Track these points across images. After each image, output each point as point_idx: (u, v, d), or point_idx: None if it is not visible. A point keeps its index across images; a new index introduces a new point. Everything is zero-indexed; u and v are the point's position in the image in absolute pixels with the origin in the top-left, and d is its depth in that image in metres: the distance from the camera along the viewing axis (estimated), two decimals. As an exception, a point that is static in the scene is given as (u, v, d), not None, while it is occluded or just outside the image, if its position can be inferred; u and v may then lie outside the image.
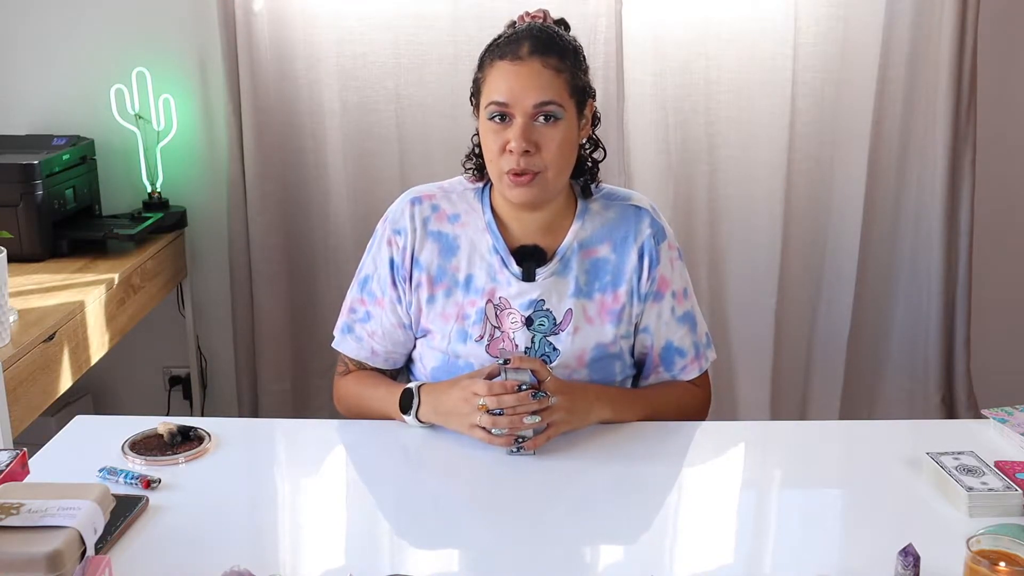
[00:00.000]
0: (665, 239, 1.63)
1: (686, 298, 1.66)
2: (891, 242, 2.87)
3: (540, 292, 1.57)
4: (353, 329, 1.68)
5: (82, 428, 1.58)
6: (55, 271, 2.43)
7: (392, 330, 1.65)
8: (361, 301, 1.67)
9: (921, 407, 2.89)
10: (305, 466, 1.52)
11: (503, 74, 1.49)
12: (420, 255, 1.60)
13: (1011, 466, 1.35)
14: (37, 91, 2.82)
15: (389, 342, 1.66)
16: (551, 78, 1.48)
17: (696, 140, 2.77)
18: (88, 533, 1.09)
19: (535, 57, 1.48)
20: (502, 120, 1.49)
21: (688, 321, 1.65)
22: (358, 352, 1.69)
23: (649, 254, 1.60)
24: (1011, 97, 2.87)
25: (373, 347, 1.67)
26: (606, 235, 1.61)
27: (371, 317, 1.66)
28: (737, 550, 1.25)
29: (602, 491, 1.37)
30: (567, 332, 1.57)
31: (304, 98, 2.74)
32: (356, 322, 1.68)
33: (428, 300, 1.60)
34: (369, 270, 1.66)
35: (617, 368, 1.63)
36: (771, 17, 2.68)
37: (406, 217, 1.62)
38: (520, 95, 1.47)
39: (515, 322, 1.57)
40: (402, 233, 1.61)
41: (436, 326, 1.61)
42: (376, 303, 1.65)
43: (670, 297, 1.63)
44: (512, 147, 1.48)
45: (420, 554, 1.24)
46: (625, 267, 1.60)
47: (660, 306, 1.62)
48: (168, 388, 3.03)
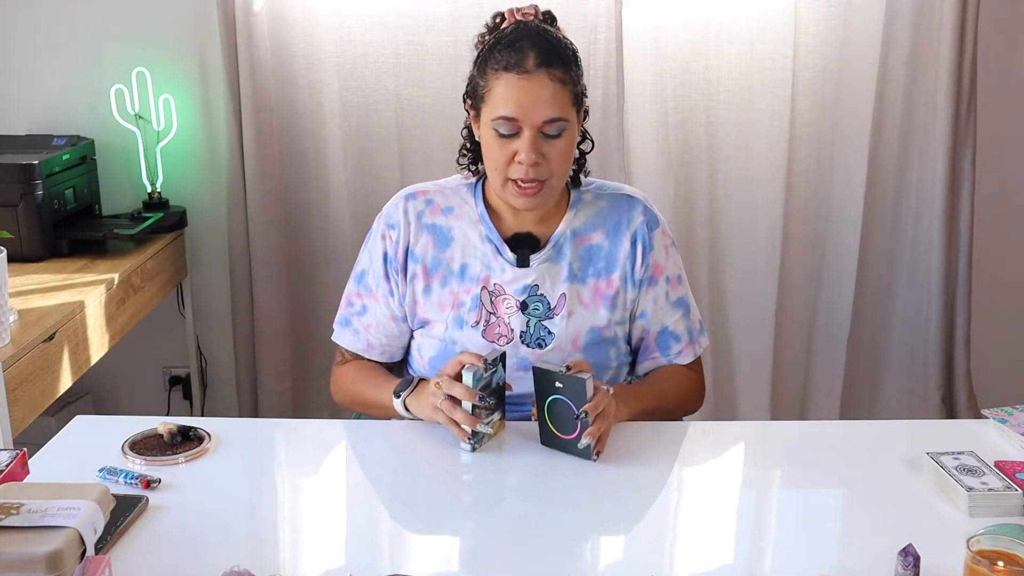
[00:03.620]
0: (658, 226, 1.66)
1: (680, 283, 1.69)
2: (891, 242, 2.87)
3: (534, 277, 1.61)
4: (351, 322, 1.72)
5: (82, 428, 1.58)
6: (55, 271, 2.43)
7: (386, 323, 1.68)
8: (358, 295, 1.71)
9: (921, 407, 2.89)
10: (305, 466, 1.52)
11: (511, 88, 1.49)
12: (415, 247, 1.64)
13: (1011, 466, 1.35)
14: (37, 91, 2.82)
15: (383, 335, 1.70)
16: (557, 91, 1.49)
17: (696, 140, 2.77)
18: (88, 533, 1.09)
19: (542, 70, 1.48)
20: (508, 132, 1.50)
21: (682, 306, 1.69)
22: (355, 344, 1.72)
23: (643, 241, 1.63)
24: (1011, 97, 2.87)
25: (369, 340, 1.71)
26: (599, 223, 1.64)
27: (367, 310, 1.70)
28: (737, 550, 1.25)
29: (602, 491, 1.37)
30: (561, 316, 1.60)
31: (304, 98, 2.74)
32: (353, 315, 1.72)
33: (424, 291, 1.64)
34: (365, 265, 1.70)
35: (612, 354, 1.65)
36: (771, 17, 2.68)
37: (400, 212, 1.65)
38: (529, 110, 1.48)
39: (510, 307, 1.60)
40: (396, 227, 1.65)
41: (433, 315, 1.64)
42: (371, 296, 1.68)
43: (664, 282, 1.66)
44: (521, 159, 1.50)
45: (420, 554, 1.24)
46: (618, 253, 1.63)
47: (655, 291, 1.65)
48: (168, 388, 3.03)
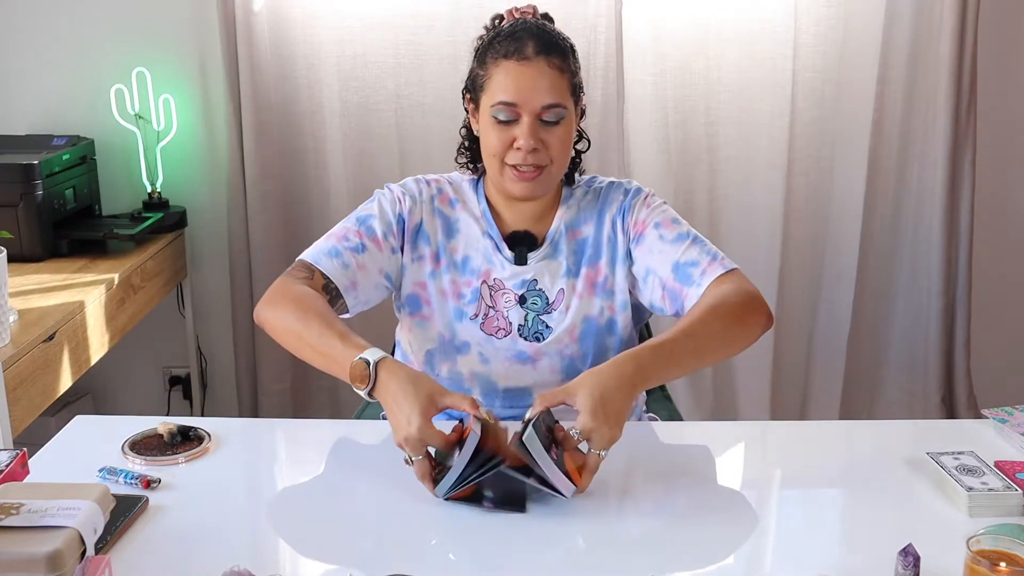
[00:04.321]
0: (638, 195, 1.63)
1: (676, 224, 1.60)
2: (891, 242, 2.87)
3: (533, 274, 1.62)
4: (341, 254, 1.56)
5: (82, 428, 1.57)
6: (55, 271, 2.43)
7: (375, 275, 1.58)
8: (357, 233, 1.59)
9: (921, 407, 2.89)
10: (305, 466, 1.52)
11: (510, 73, 1.51)
12: (427, 227, 1.64)
13: (1011, 466, 1.35)
14: (37, 91, 2.82)
15: (371, 286, 1.58)
16: (556, 78, 1.52)
17: (696, 140, 2.77)
18: (88, 533, 1.09)
19: (541, 57, 1.51)
20: (507, 118, 1.52)
21: (684, 239, 1.57)
22: (337, 275, 1.54)
23: (622, 213, 1.62)
24: (1011, 97, 2.87)
25: (355, 279, 1.55)
26: (588, 215, 1.65)
27: (365, 250, 1.58)
28: (737, 550, 1.25)
29: (602, 491, 1.37)
30: (559, 311, 1.61)
31: (304, 98, 2.74)
32: (347, 248, 1.57)
33: (431, 274, 1.63)
34: (373, 211, 1.61)
35: (609, 342, 1.63)
36: (771, 17, 2.68)
37: (417, 189, 1.65)
38: (528, 95, 1.51)
39: (508, 301, 1.61)
40: (416, 200, 1.64)
41: (435, 301, 1.62)
42: (373, 240, 1.59)
43: (653, 228, 1.59)
44: (521, 145, 1.51)
45: (420, 554, 1.24)
46: (602, 238, 1.63)
47: (647, 243, 1.59)
48: (168, 388, 3.03)
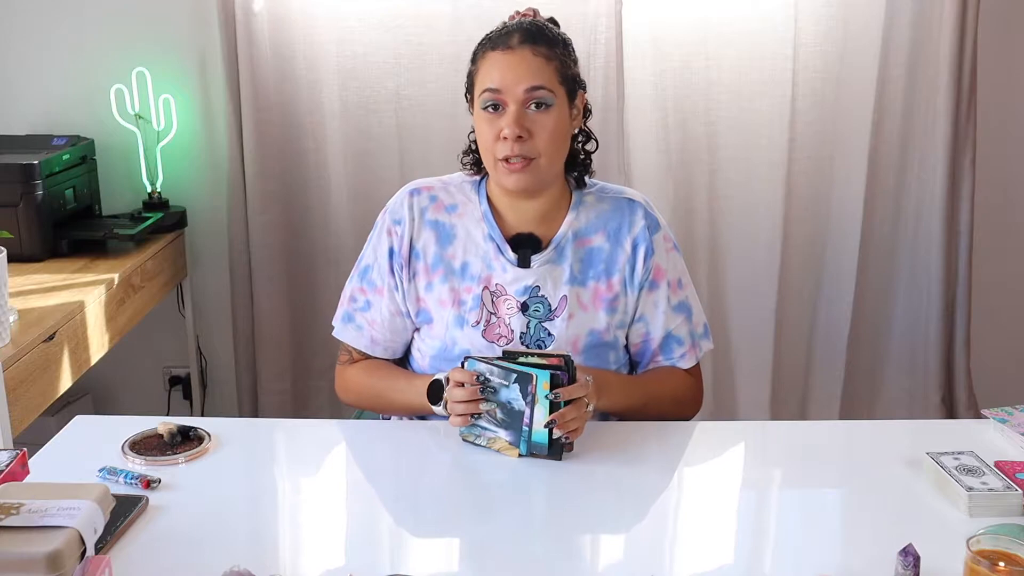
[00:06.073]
0: (660, 230, 1.66)
1: (681, 288, 1.68)
2: (891, 242, 2.87)
3: (535, 279, 1.61)
4: (353, 318, 1.70)
5: (82, 428, 1.58)
6: (55, 271, 2.43)
7: (391, 318, 1.67)
8: (361, 290, 1.69)
9: (921, 407, 2.89)
10: (305, 466, 1.52)
11: (494, 63, 1.55)
12: (417, 243, 1.64)
13: (1011, 466, 1.35)
14: (37, 91, 2.82)
15: (388, 331, 1.68)
16: (541, 65, 1.54)
17: (696, 140, 2.77)
18: (88, 533, 1.09)
19: (525, 46, 1.54)
20: (495, 109, 1.54)
21: (684, 310, 1.68)
22: (358, 340, 1.70)
23: (644, 244, 1.63)
24: (1011, 97, 2.87)
25: (373, 335, 1.69)
26: (600, 225, 1.64)
27: (371, 306, 1.68)
28: (737, 550, 1.25)
29: (602, 491, 1.37)
30: (562, 318, 1.60)
31: (304, 98, 2.74)
32: (356, 311, 1.70)
33: (426, 287, 1.64)
34: (369, 260, 1.69)
35: (611, 357, 1.65)
36: (771, 17, 2.68)
37: (405, 208, 1.66)
38: (511, 81, 1.53)
39: (511, 308, 1.60)
40: (401, 223, 1.65)
41: (435, 311, 1.63)
42: (376, 292, 1.67)
43: (665, 286, 1.65)
44: (506, 133, 1.53)
45: (420, 554, 1.24)
46: (618, 257, 1.63)
47: (656, 295, 1.65)
48: (168, 388, 3.03)
